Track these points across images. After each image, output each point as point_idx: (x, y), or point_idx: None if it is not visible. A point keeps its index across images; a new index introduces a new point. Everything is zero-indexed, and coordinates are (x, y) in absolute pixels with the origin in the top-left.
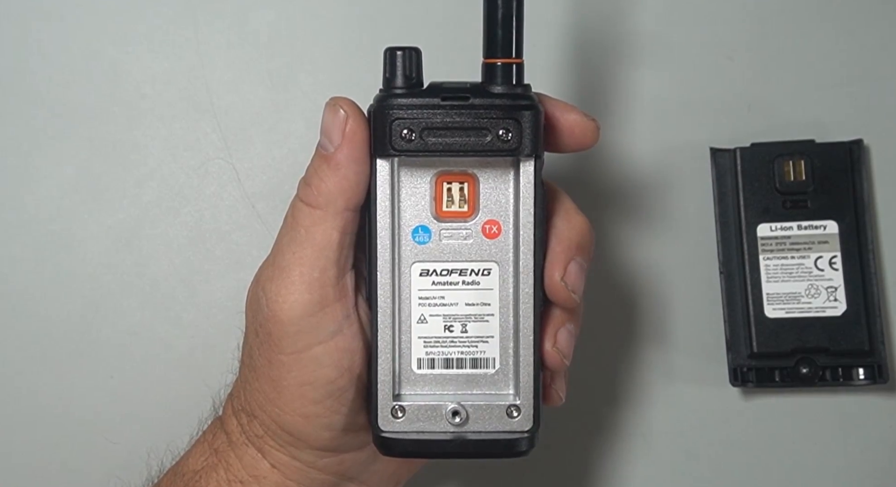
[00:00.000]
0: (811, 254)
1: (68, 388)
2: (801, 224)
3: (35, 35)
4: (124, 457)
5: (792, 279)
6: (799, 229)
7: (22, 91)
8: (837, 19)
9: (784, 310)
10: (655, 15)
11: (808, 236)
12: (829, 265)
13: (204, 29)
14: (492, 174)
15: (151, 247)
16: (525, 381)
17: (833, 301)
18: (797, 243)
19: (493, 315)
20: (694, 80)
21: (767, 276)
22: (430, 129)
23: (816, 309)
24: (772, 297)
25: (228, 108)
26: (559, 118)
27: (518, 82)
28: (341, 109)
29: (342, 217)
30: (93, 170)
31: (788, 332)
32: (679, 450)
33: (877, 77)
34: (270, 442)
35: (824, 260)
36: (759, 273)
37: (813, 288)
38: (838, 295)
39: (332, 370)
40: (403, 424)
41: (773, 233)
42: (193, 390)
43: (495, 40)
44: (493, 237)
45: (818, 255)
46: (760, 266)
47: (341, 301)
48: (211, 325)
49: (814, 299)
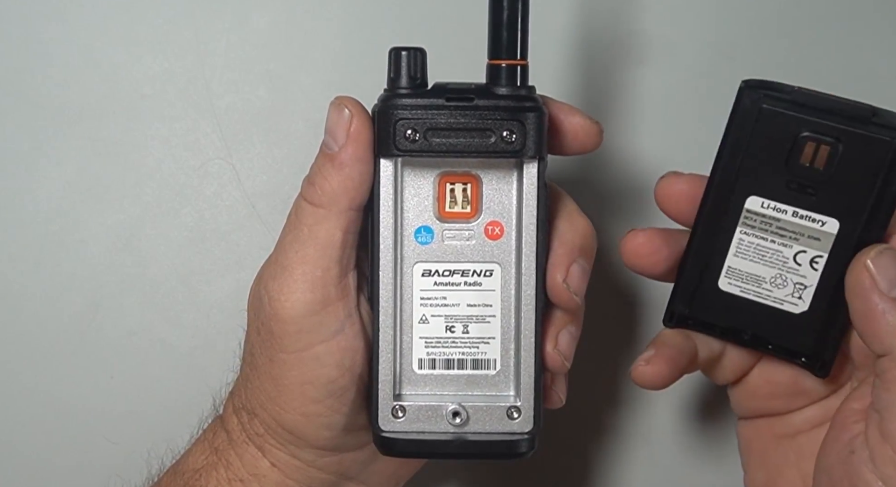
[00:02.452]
0: (795, 246)
1: (68, 388)
2: (798, 212)
3: (35, 35)
4: (124, 456)
5: (762, 263)
6: (794, 216)
7: (22, 91)
8: (837, 19)
9: (739, 288)
10: (656, 16)
11: (799, 227)
12: (809, 263)
13: (204, 29)
14: (495, 176)
15: (151, 247)
16: (526, 382)
17: (796, 298)
18: (784, 230)
19: (494, 316)
20: (694, 80)
21: (737, 250)
22: (434, 129)
23: (775, 299)
24: (732, 271)
25: (228, 108)
26: (563, 121)
27: (522, 84)
28: (346, 108)
29: (345, 216)
30: (93, 170)
31: (733, 309)
32: (679, 450)
33: (877, 77)
34: (271, 441)
35: (806, 256)
36: (730, 244)
37: (781, 278)
38: (804, 295)
39: (333, 369)
40: (404, 424)
41: (763, 210)
42: (193, 389)
43: (500, 42)
44: (495, 239)
45: (802, 249)
46: (734, 238)
47: (343, 300)
48: (211, 325)
49: (777, 289)
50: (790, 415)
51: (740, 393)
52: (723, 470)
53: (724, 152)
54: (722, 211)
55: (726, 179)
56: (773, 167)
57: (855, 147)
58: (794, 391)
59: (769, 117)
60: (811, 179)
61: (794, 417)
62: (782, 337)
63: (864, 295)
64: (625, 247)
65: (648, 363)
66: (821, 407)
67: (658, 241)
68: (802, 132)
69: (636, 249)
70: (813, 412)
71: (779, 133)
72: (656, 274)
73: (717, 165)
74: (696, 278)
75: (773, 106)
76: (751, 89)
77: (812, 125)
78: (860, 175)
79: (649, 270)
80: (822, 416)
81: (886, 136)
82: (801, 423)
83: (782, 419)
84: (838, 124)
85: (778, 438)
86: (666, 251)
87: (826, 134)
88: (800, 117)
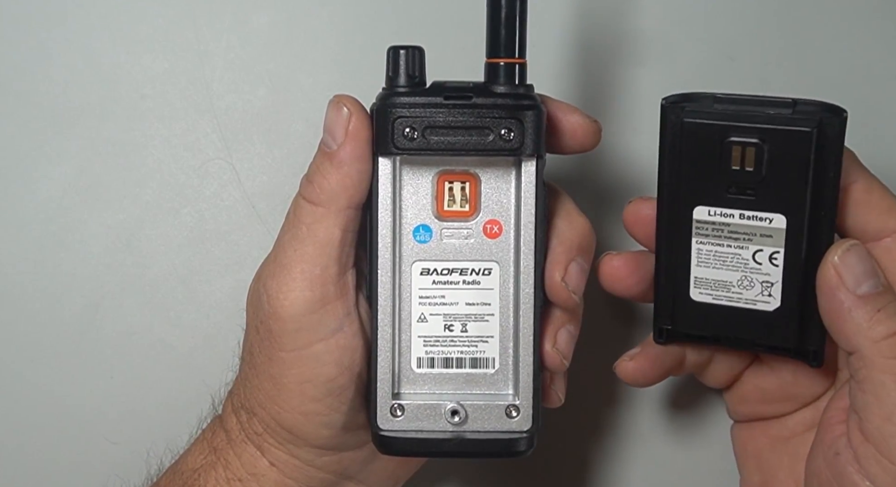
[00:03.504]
0: (750, 246)
1: (68, 388)
2: (744, 213)
3: (35, 35)
4: (124, 456)
5: (725, 268)
6: (741, 218)
7: (22, 91)
8: (837, 19)
9: (711, 296)
10: (656, 15)
11: (749, 227)
12: (768, 260)
13: (204, 29)
14: (493, 174)
15: (151, 247)
16: (524, 381)
17: (766, 297)
18: (736, 233)
19: (493, 315)
20: (694, 80)
21: (698, 260)
22: (433, 128)
23: (747, 301)
24: (699, 281)
25: (228, 108)
26: (561, 119)
27: (521, 82)
28: (345, 106)
29: (344, 215)
30: (93, 170)
31: (711, 317)
32: (677, 450)
33: (877, 77)
34: (270, 440)
35: (764, 254)
36: (690, 256)
37: (747, 280)
38: (773, 291)
39: (332, 367)
40: (402, 423)
41: (711, 218)
42: (193, 389)
43: (498, 40)
44: (494, 237)
45: (758, 248)
46: (692, 249)
47: (342, 299)
48: (211, 325)
49: (745, 291)
50: (784, 418)
51: (733, 398)
52: (721, 471)
53: (663, 171)
54: (675, 226)
55: (671, 195)
56: (709, 176)
57: (779, 144)
58: (785, 396)
59: (693, 130)
60: (746, 181)
61: (788, 420)
62: (765, 336)
63: (831, 293)
64: (601, 271)
65: (632, 359)
66: (813, 409)
67: (634, 263)
68: (726, 139)
69: (613, 272)
70: (806, 414)
71: (705, 144)
72: (635, 296)
73: (660, 183)
74: (671, 294)
75: (694, 118)
76: (672, 106)
77: (734, 130)
78: (791, 168)
79: (627, 292)
80: (813, 418)
81: (806, 126)
82: (795, 426)
83: (777, 423)
84: (758, 124)
85: (773, 441)
86: (642, 272)
87: (749, 136)
88: (721, 124)
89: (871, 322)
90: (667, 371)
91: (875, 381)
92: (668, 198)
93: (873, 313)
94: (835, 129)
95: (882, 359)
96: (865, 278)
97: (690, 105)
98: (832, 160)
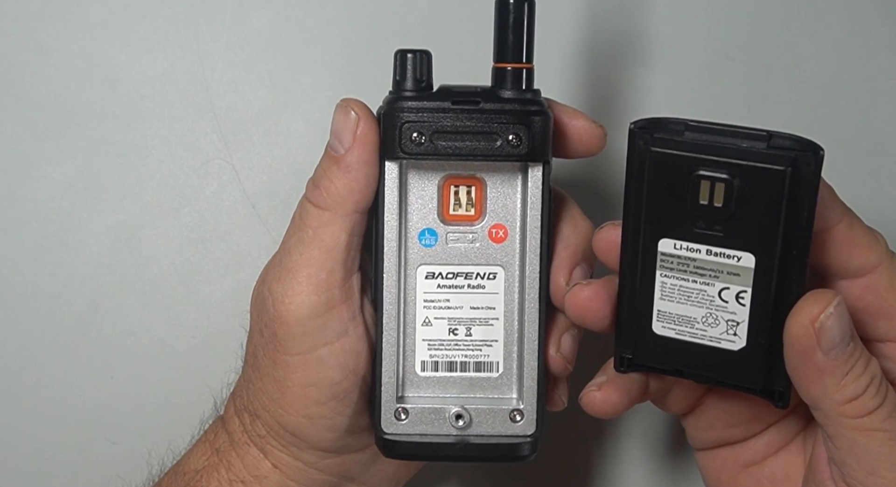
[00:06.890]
0: (716, 283)
1: (68, 388)
2: (711, 250)
3: (35, 35)
4: (124, 457)
5: (689, 303)
6: (708, 253)
7: (22, 91)
8: (837, 19)
9: (674, 331)
10: (660, 19)
11: (716, 264)
12: (735, 298)
13: (204, 29)
14: (499, 179)
15: (151, 247)
16: (529, 385)
17: (732, 335)
18: (702, 269)
19: (497, 319)
20: (694, 80)
21: (662, 293)
22: (440, 132)
23: (711, 338)
24: (662, 314)
25: (228, 108)
26: (567, 124)
27: (528, 87)
28: (352, 110)
29: (350, 219)
30: (93, 170)
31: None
32: (678, 451)
33: (877, 77)
34: (273, 442)
35: (731, 292)
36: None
37: (712, 317)
38: (739, 331)
39: (336, 371)
40: (406, 426)
41: (677, 252)
42: (194, 390)
43: (506, 45)
44: (499, 242)
45: (725, 286)
46: (656, 282)
47: (347, 303)
48: (211, 325)
49: (710, 328)
50: (751, 441)
51: (698, 424)
52: None
53: (629, 198)
54: (640, 256)
55: (636, 224)
56: (676, 208)
57: (749, 181)
58: (753, 417)
59: (660, 160)
60: (714, 216)
61: (756, 443)
62: (729, 375)
63: (804, 354)
64: (569, 303)
65: (599, 389)
66: (779, 429)
67: (604, 295)
68: (695, 172)
69: (583, 304)
70: (773, 435)
71: (673, 175)
72: (604, 329)
73: (626, 211)
74: (633, 325)
75: (663, 148)
76: (640, 131)
77: (703, 163)
78: (762, 207)
79: (596, 325)
80: (783, 438)
81: (780, 165)
82: (765, 448)
83: (744, 447)
84: (730, 159)
85: (745, 467)
86: (613, 304)
87: (718, 171)
88: (690, 157)
89: (838, 387)
90: (633, 399)
91: (846, 438)
92: (633, 227)
93: (842, 377)
94: (810, 168)
95: (846, 420)
96: (842, 340)
97: (660, 132)
98: (806, 200)
